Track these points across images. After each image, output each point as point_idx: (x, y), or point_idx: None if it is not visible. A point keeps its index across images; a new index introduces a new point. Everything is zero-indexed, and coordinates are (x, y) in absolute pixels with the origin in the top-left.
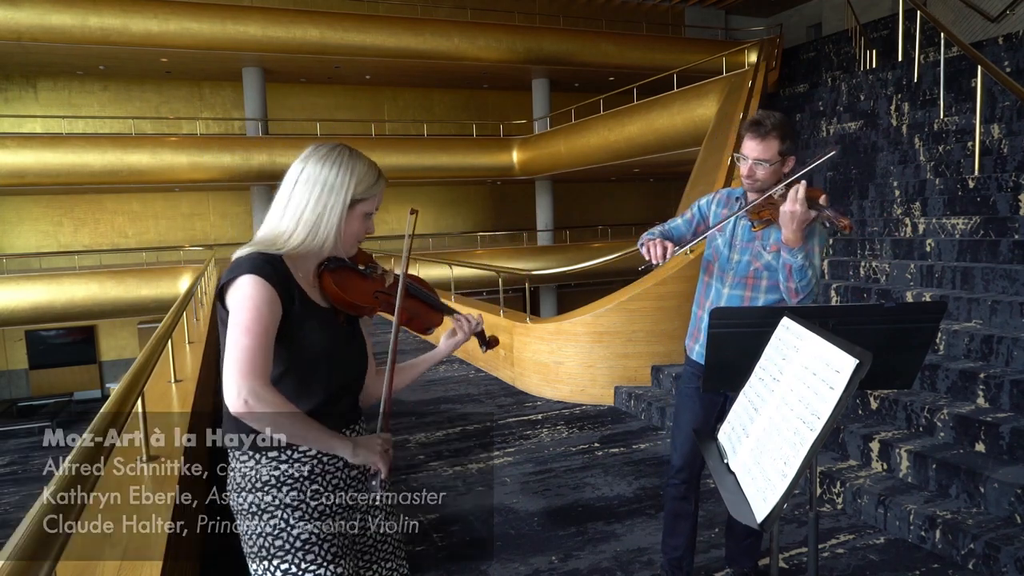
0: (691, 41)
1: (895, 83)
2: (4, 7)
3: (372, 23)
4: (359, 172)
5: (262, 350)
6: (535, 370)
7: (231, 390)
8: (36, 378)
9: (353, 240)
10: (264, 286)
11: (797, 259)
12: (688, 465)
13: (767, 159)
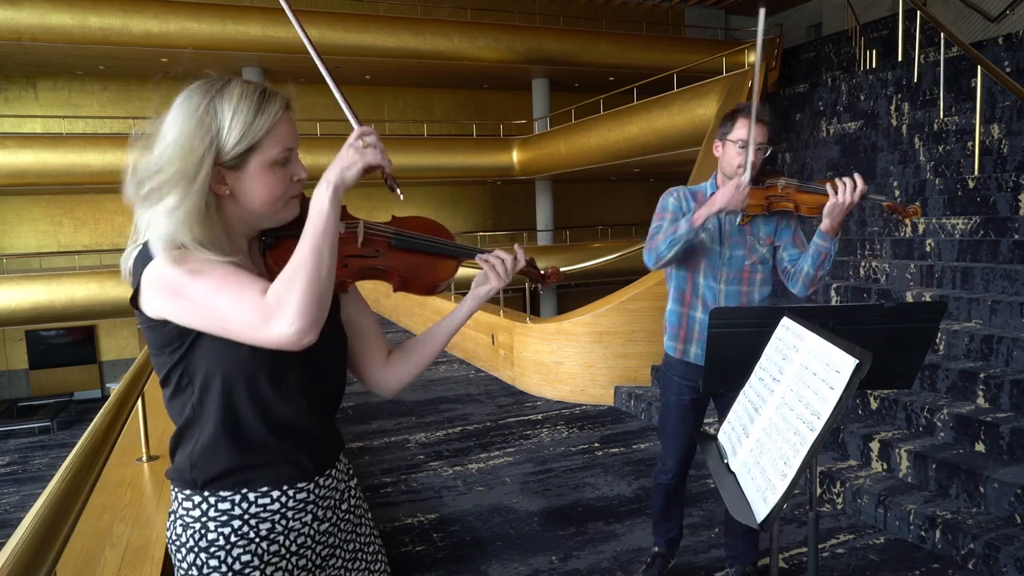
0: (691, 41)
1: (895, 83)
2: (4, 7)
3: (372, 23)
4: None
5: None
6: (535, 370)
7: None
8: (36, 378)
9: (273, 201)
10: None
11: (836, 246)
12: (680, 469)
13: (767, 143)
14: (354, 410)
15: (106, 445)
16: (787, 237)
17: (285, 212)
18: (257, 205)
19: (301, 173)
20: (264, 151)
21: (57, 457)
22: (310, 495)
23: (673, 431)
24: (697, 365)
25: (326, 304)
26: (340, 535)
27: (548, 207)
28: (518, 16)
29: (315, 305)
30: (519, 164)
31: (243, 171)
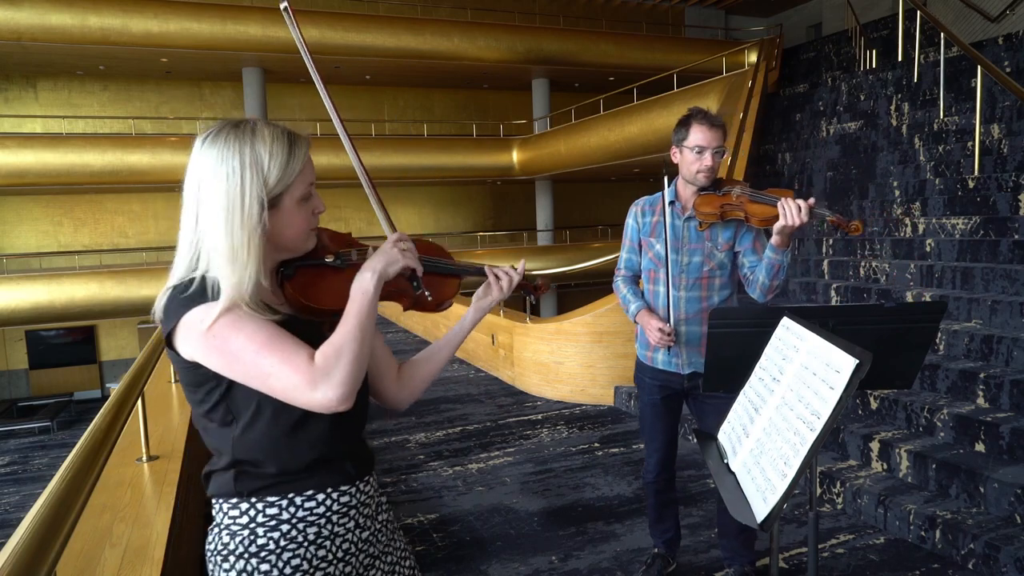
0: (691, 41)
1: (895, 83)
2: (4, 7)
3: (372, 23)
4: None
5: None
6: (535, 370)
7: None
8: (36, 378)
9: (299, 236)
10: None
11: (787, 257)
12: (665, 465)
13: (723, 145)
14: None
15: (106, 445)
16: (747, 243)
17: (307, 244)
18: (288, 239)
19: (321, 207)
20: (294, 189)
21: (57, 457)
22: (352, 499)
23: (650, 430)
24: (663, 370)
25: (363, 374)
26: (379, 545)
27: (548, 207)
28: (518, 16)
29: (357, 376)
30: (519, 164)
31: (278, 210)
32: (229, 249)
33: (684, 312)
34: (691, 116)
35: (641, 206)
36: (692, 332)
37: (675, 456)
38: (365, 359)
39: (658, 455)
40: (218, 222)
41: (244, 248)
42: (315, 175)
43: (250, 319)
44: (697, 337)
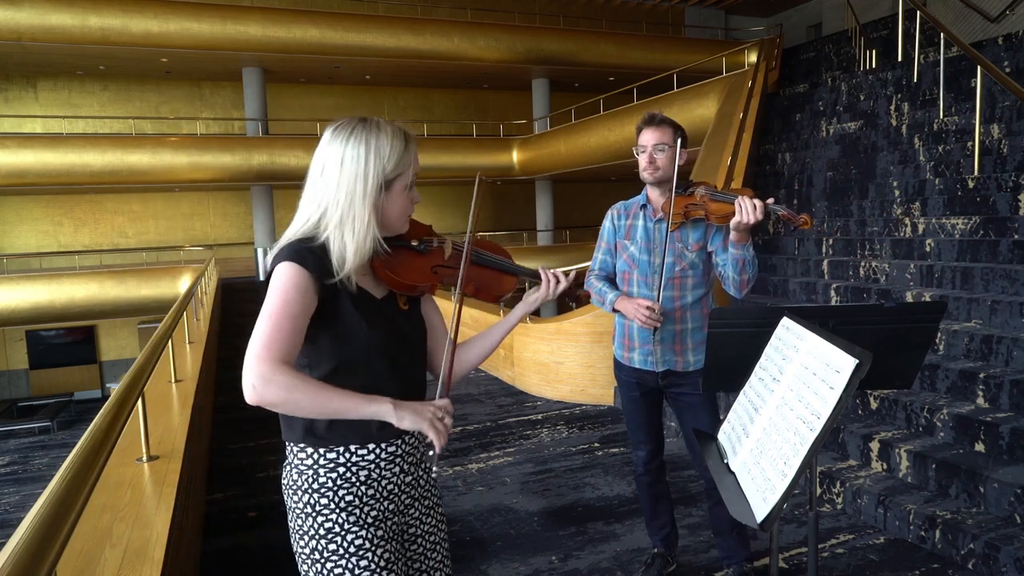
0: (691, 41)
1: (895, 83)
2: (4, 7)
3: (372, 23)
4: (383, 151)
5: (280, 334)
6: (535, 370)
7: (245, 385)
8: (36, 378)
9: (400, 217)
10: (298, 271)
11: (750, 252)
12: (654, 455)
13: (665, 142)
14: None
15: (106, 445)
16: (718, 242)
17: (403, 226)
18: (391, 219)
19: (418, 197)
20: (405, 177)
21: (57, 457)
22: (399, 449)
23: (634, 424)
24: (638, 369)
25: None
26: (420, 489)
27: (548, 207)
28: (518, 16)
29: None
30: (519, 164)
31: (390, 192)
32: (353, 220)
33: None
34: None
35: (617, 210)
36: (666, 331)
37: (662, 448)
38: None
39: (645, 447)
40: (345, 200)
41: (363, 220)
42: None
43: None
44: (671, 336)
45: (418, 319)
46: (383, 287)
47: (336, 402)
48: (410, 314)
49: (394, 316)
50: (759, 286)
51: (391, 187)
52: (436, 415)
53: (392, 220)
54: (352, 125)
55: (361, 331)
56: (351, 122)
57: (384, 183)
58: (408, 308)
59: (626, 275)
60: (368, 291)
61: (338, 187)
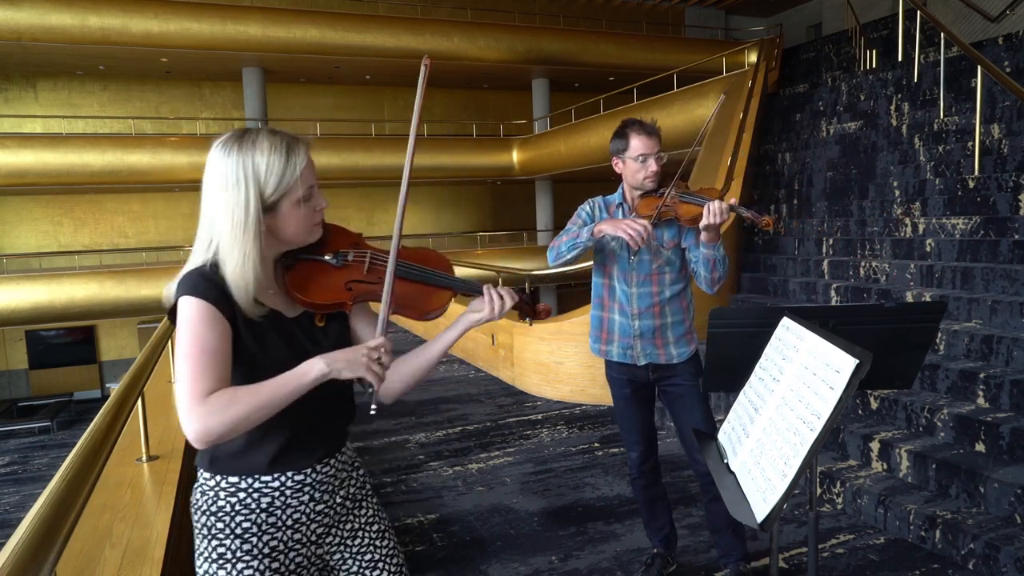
0: (691, 41)
1: (895, 83)
2: (4, 7)
3: (372, 23)
4: (260, 174)
5: (202, 370)
6: (535, 370)
7: (186, 431)
8: (36, 378)
9: (301, 232)
10: (200, 305)
11: (720, 251)
12: (648, 457)
13: (661, 149)
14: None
15: (106, 445)
16: (691, 239)
17: (310, 238)
18: (289, 235)
19: (323, 203)
20: (292, 193)
21: (57, 457)
22: (308, 478)
23: (626, 424)
24: (620, 363)
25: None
26: (336, 516)
27: (548, 207)
28: (518, 16)
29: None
30: (519, 164)
31: (277, 213)
32: (234, 251)
33: (636, 307)
34: (627, 127)
35: (598, 203)
36: (645, 326)
37: (656, 449)
38: (247, 425)
39: (639, 448)
40: (224, 227)
41: (243, 251)
42: (316, 176)
43: (206, 322)
44: (651, 330)
45: (339, 335)
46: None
47: (275, 392)
48: (328, 331)
49: (308, 335)
50: (759, 286)
51: (277, 207)
52: (371, 356)
53: (292, 236)
54: (229, 146)
55: (262, 357)
56: (229, 141)
57: (266, 207)
58: (325, 324)
59: (606, 268)
60: (279, 311)
61: (216, 215)
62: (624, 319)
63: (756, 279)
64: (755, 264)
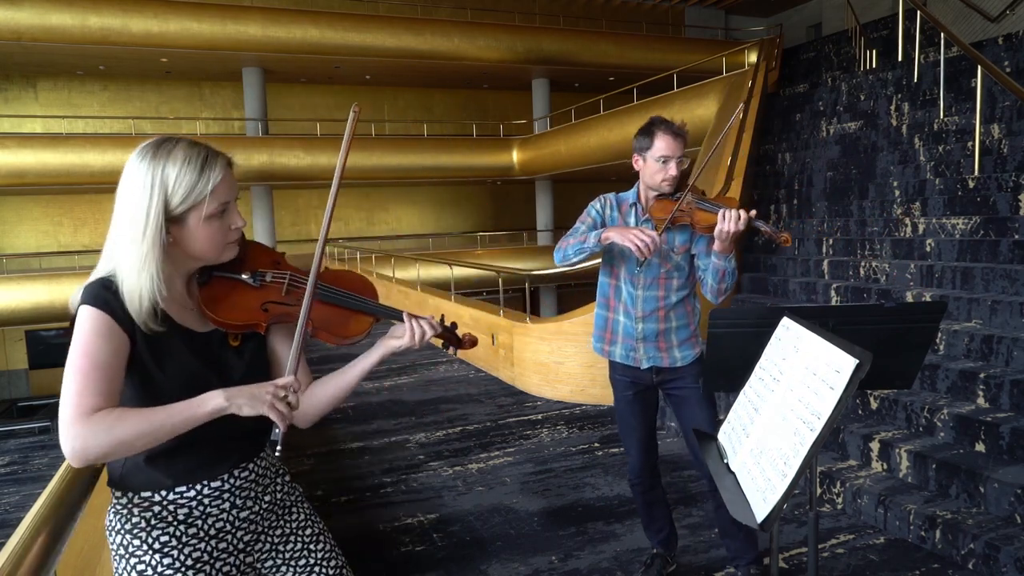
0: (691, 41)
1: (895, 83)
2: (4, 7)
3: (372, 23)
4: (168, 183)
5: (89, 384)
6: (535, 370)
7: (64, 447)
8: (36, 378)
9: (211, 249)
10: (98, 316)
11: (731, 263)
12: (647, 462)
13: (684, 155)
14: (354, 410)
15: None
16: (702, 246)
17: (222, 255)
18: (198, 251)
19: (238, 222)
20: (202, 208)
21: (57, 457)
22: (226, 484)
23: (626, 428)
24: (623, 364)
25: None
26: (263, 522)
27: (548, 207)
28: (518, 16)
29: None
30: (519, 164)
31: (183, 226)
32: (130, 258)
33: (641, 310)
34: (654, 125)
35: (610, 200)
36: (649, 329)
37: (656, 454)
38: (128, 451)
39: (638, 454)
40: (124, 232)
41: (142, 260)
42: (234, 194)
43: (99, 334)
44: (654, 333)
45: (253, 356)
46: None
47: (165, 421)
48: (242, 351)
49: (219, 354)
50: (759, 286)
51: (184, 220)
52: (276, 395)
53: (201, 252)
54: (145, 152)
55: (159, 379)
56: (146, 148)
57: (172, 217)
58: (239, 344)
59: (614, 269)
60: (188, 327)
61: (121, 222)
62: (628, 321)
63: (756, 279)
64: (755, 264)
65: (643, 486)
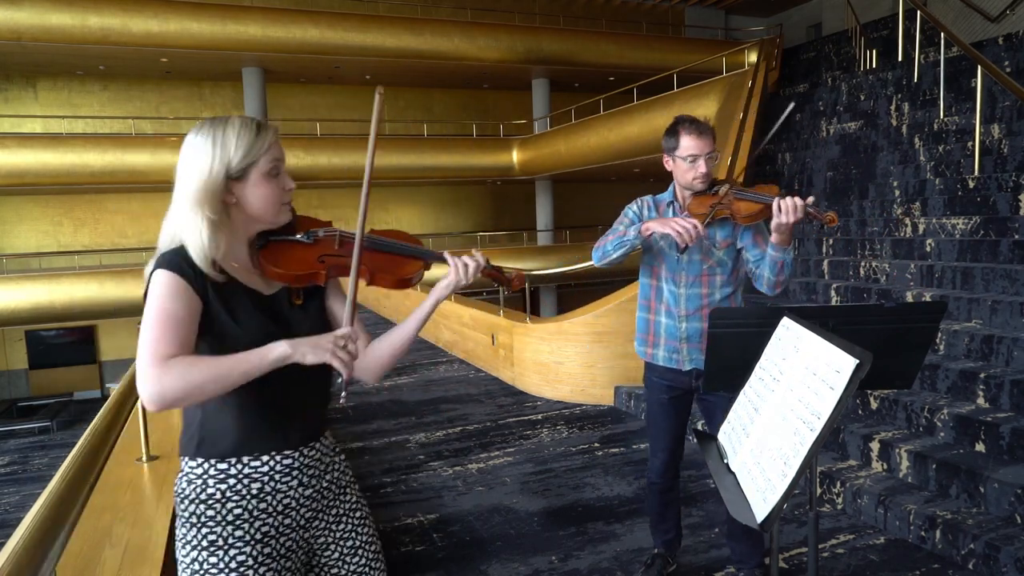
0: (691, 41)
1: (895, 83)
2: (4, 7)
3: (372, 23)
4: (229, 143)
5: (164, 335)
6: (535, 370)
7: (141, 393)
8: (36, 378)
9: (269, 207)
10: (172, 277)
11: (790, 254)
12: (671, 463)
13: (712, 151)
14: (354, 410)
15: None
16: (748, 239)
17: (279, 217)
18: (258, 209)
19: (290, 184)
20: (260, 164)
21: (57, 457)
22: (295, 462)
23: (656, 430)
24: (666, 367)
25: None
26: (323, 501)
27: (548, 207)
28: (518, 16)
29: (180, 398)
30: (519, 164)
31: (245, 181)
32: (196, 219)
33: (684, 308)
34: (678, 124)
35: (647, 202)
36: (692, 328)
37: (681, 457)
38: (202, 395)
39: (664, 455)
40: (188, 191)
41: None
42: (283, 156)
43: (174, 291)
44: (698, 333)
45: (316, 313)
46: (273, 283)
47: (234, 366)
48: (305, 308)
49: (284, 313)
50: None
51: (246, 175)
52: (337, 343)
53: (259, 211)
54: (202, 124)
55: (234, 332)
56: (202, 123)
57: (233, 174)
58: (302, 302)
59: (654, 269)
60: (256, 289)
61: (185, 189)
62: (671, 321)
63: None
64: None
65: (663, 487)
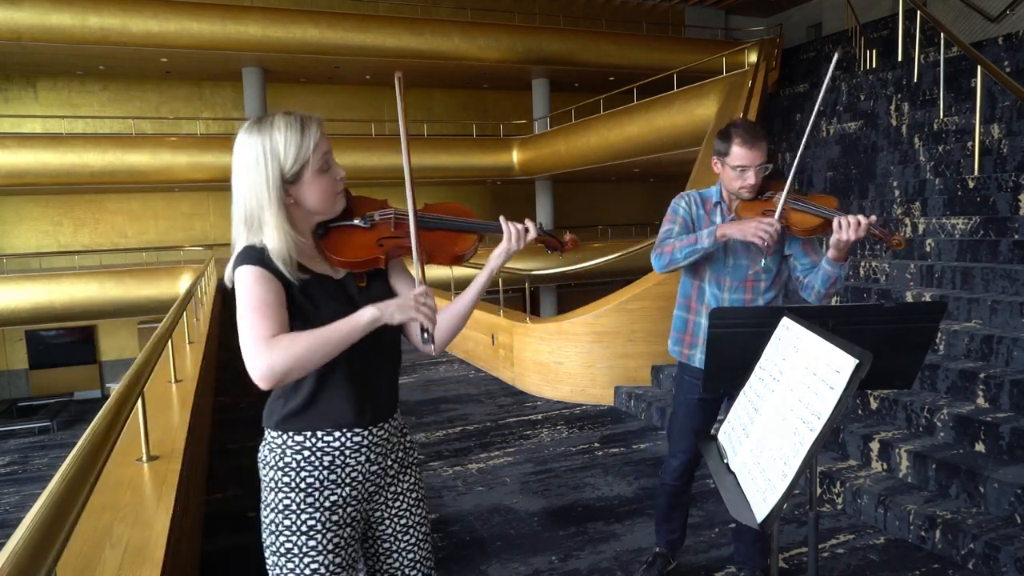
0: (691, 41)
1: (895, 83)
2: (4, 7)
3: (372, 23)
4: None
5: (263, 318)
6: (535, 370)
7: (252, 371)
8: (36, 378)
9: (325, 200)
10: (255, 270)
11: (844, 270)
12: (689, 465)
13: (764, 162)
14: None
15: (106, 445)
16: (797, 246)
17: (335, 206)
18: (315, 204)
19: (341, 172)
20: (312, 164)
21: (57, 457)
22: (364, 439)
23: (680, 431)
24: (700, 368)
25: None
26: (386, 479)
27: (548, 207)
28: (518, 16)
29: (289, 373)
30: (519, 164)
31: (301, 183)
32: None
33: None
34: (732, 131)
35: (693, 198)
36: None
37: (699, 461)
38: (309, 366)
39: (684, 456)
40: (254, 203)
41: (274, 223)
42: (330, 147)
43: (260, 281)
44: None
45: (381, 293)
46: (339, 268)
47: (331, 335)
48: (370, 289)
49: (352, 294)
50: None
51: (300, 178)
52: (418, 300)
53: (318, 205)
54: (250, 130)
55: (312, 315)
56: (249, 126)
57: (288, 178)
58: (366, 284)
59: (698, 269)
60: (327, 275)
61: (246, 194)
62: None
63: None
64: None
65: (676, 489)
